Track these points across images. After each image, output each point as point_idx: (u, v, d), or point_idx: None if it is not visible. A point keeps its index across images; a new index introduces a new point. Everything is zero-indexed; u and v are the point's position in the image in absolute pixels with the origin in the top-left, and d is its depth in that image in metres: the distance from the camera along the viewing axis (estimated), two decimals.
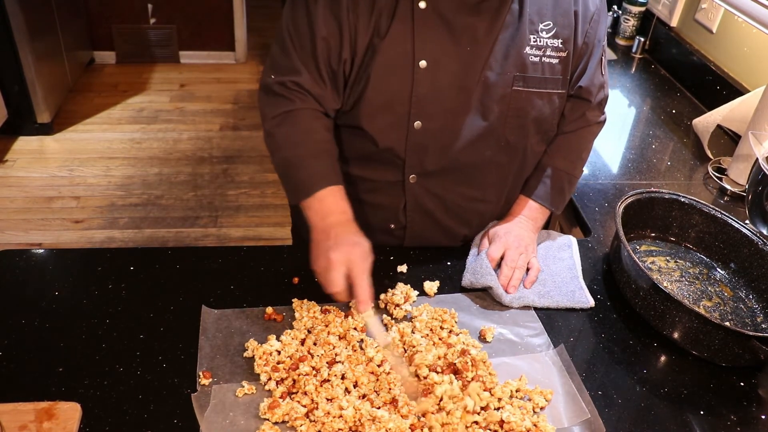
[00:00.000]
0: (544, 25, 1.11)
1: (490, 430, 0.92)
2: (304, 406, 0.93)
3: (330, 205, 1.09)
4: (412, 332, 1.06)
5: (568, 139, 1.27)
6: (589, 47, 1.17)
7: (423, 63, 1.08)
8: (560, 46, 1.13)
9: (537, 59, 1.12)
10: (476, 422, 0.92)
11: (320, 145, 1.13)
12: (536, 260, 1.22)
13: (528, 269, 1.20)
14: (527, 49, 1.11)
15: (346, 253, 1.01)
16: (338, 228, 1.06)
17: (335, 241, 1.03)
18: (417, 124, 1.13)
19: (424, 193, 1.23)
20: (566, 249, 1.27)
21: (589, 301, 1.16)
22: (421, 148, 1.16)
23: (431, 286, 1.16)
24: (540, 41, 1.12)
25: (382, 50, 1.08)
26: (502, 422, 0.92)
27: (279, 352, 1.00)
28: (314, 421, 0.91)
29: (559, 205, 1.29)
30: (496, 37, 1.10)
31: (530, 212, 1.28)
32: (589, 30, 1.15)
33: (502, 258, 1.20)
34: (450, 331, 1.08)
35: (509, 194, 1.30)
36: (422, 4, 1.06)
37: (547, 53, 1.13)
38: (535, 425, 0.92)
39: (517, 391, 0.98)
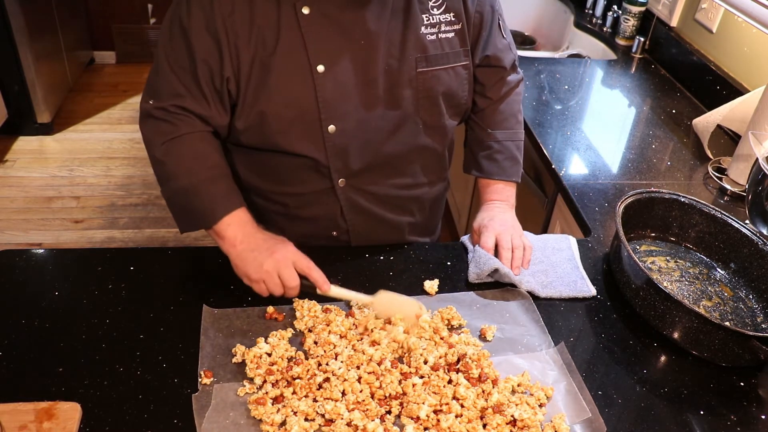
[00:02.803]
0: (433, 3, 1.14)
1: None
2: (303, 408, 0.92)
3: (246, 226, 1.10)
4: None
5: (500, 109, 1.30)
6: (482, 15, 1.20)
7: (321, 68, 1.08)
8: (453, 19, 1.15)
9: (434, 37, 1.15)
10: (486, 424, 0.92)
11: (215, 169, 1.11)
12: (527, 239, 1.25)
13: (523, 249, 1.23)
14: (422, 29, 1.13)
15: (286, 252, 1.05)
16: (264, 235, 1.09)
17: (269, 246, 1.06)
18: (331, 128, 1.12)
19: (358, 194, 1.23)
20: (564, 241, 1.29)
21: (591, 290, 1.18)
22: (341, 150, 1.16)
23: (431, 285, 1.16)
24: (433, 18, 1.14)
25: (276, 63, 1.07)
26: (514, 421, 0.93)
27: (269, 354, 1.00)
28: (313, 420, 0.91)
29: (517, 173, 1.33)
30: (387, 25, 1.10)
31: (499, 194, 1.31)
32: None
33: (497, 246, 1.22)
34: (451, 327, 1.08)
35: (439, 172, 1.32)
36: (305, 10, 1.05)
37: (442, 29, 1.15)
38: (550, 421, 0.93)
39: (518, 386, 0.99)
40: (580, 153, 1.70)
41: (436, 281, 1.17)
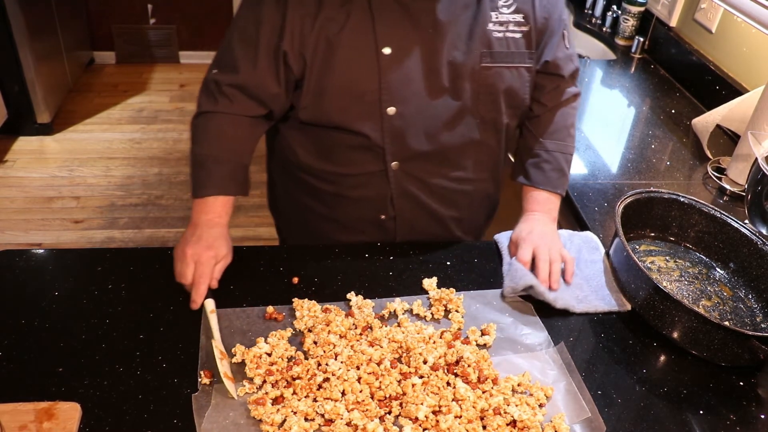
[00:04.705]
0: (503, 2, 1.15)
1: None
2: (303, 408, 0.92)
3: (209, 207, 1.16)
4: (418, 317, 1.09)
5: (552, 119, 1.30)
6: (549, 21, 1.20)
7: (387, 50, 1.11)
8: (522, 20, 1.17)
9: (501, 35, 1.16)
10: (485, 426, 0.93)
11: (226, 153, 1.18)
12: (566, 251, 1.22)
13: (564, 262, 1.20)
14: (490, 26, 1.15)
15: (198, 253, 1.09)
16: (205, 228, 1.14)
17: (196, 239, 1.12)
18: (390, 110, 1.15)
19: (409, 180, 1.25)
20: (596, 251, 1.27)
21: (626, 305, 1.15)
22: (398, 133, 1.18)
23: (430, 283, 1.17)
24: (501, 17, 1.15)
25: (343, 41, 1.10)
26: (514, 422, 0.93)
27: (269, 354, 1.00)
28: (312, 420, 0.91)
29: (563, 186, 1.32)
30: (457, 17, 1.12)
31: (541, 205, 1.30)
32: (546, 4, 1.19)
33: (534, 259, 1.19)
34: (446, 311, 1.10)
35: (492, 171, 1.33)
36: None
37: (510, 28, 1.17)
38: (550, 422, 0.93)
39: (519, 385, 0.99)
40: (580, 153, 1.70)
41: (435, 279, 1.17)
